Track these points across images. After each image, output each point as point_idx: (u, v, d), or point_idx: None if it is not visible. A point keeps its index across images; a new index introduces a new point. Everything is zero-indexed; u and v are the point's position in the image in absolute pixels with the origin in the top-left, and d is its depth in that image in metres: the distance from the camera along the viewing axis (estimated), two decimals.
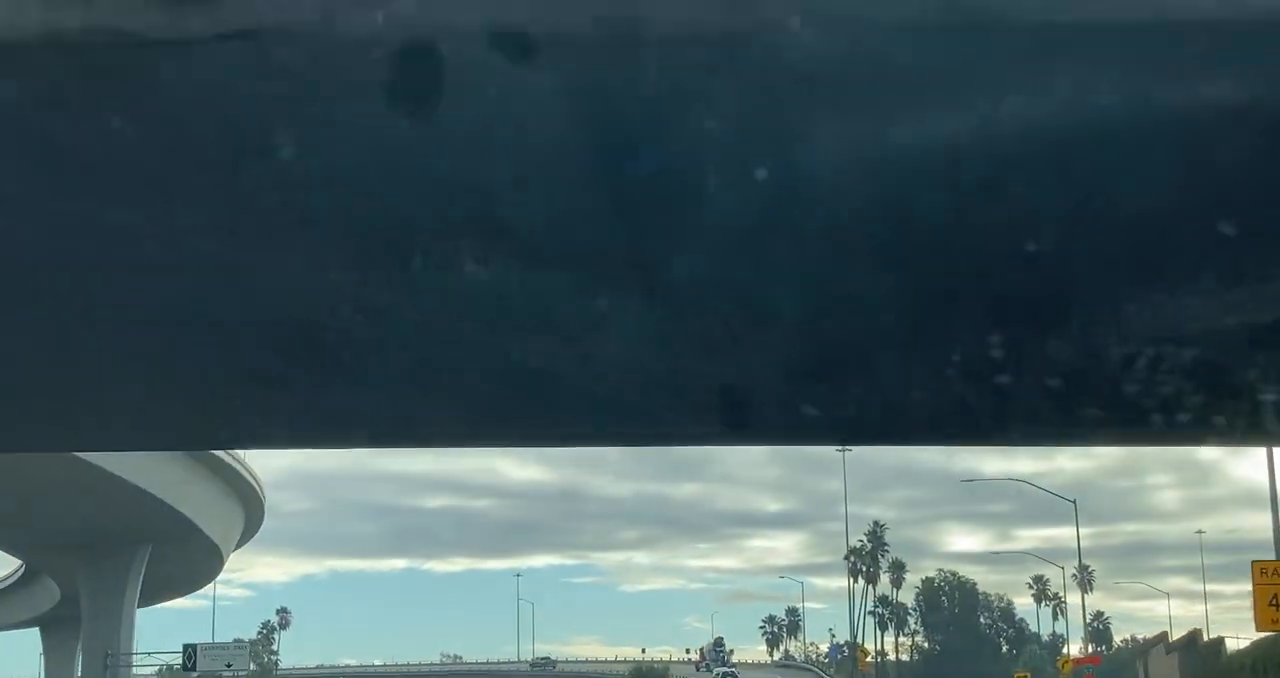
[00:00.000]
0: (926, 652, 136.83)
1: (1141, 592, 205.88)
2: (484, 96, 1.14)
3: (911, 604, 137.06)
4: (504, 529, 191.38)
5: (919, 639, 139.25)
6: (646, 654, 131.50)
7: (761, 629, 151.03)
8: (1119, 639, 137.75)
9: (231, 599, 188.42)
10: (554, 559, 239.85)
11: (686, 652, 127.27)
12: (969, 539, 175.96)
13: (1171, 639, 64.97)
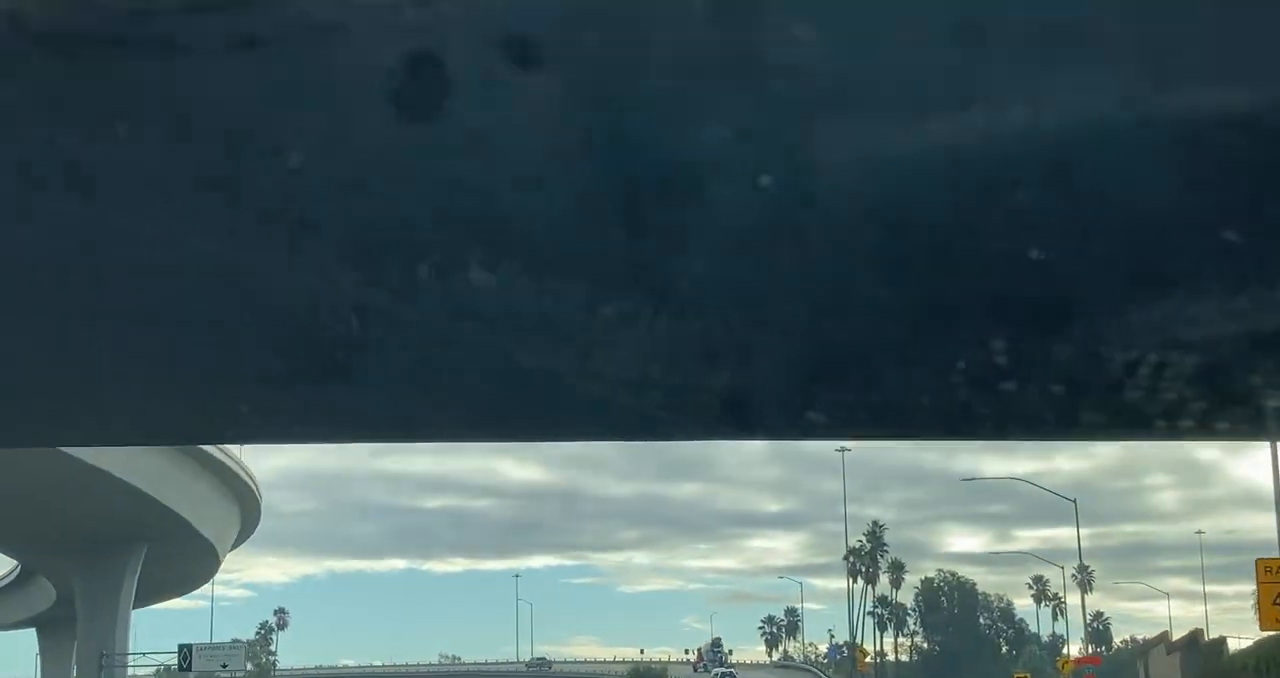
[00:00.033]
0: (926, 653, 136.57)
1: (1140, 593, 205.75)
2: (490, 103, 1.14)
3: (911, 605, 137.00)
4: (503, 530, 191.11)
5: (918, 640, 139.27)
6: (645, 655, 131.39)
7: (760, 630, 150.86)
8: (1118, 640, 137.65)
9: (231, 600, 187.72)
10: (553, 560, 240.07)
11: (685, 653, 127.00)
12: (968, 540, 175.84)
13: (1172, 639, 64.71)
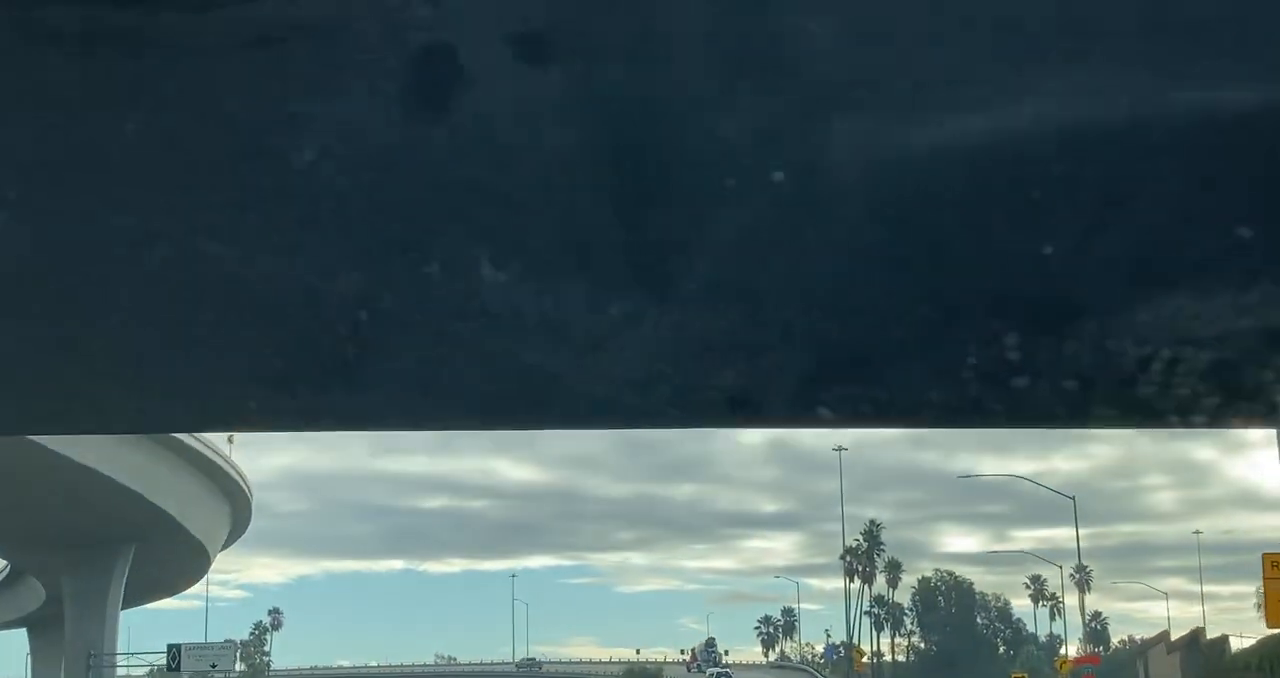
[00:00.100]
0: (923, 653, 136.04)
1: (1137, 593, 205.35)
2: (498, 100, 1.14)
3: (908, 605, 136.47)
4: (501, 530, 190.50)
5: (915, 640, 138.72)
6: (641, 656, 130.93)
7: (757, 630, 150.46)
8: (1116, 640, 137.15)
9: (227, 601, 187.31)
10: (550, 560, 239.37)
11: (681, 653, 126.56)
12: (966, 540, 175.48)
13: (1172, 639, 64.16)
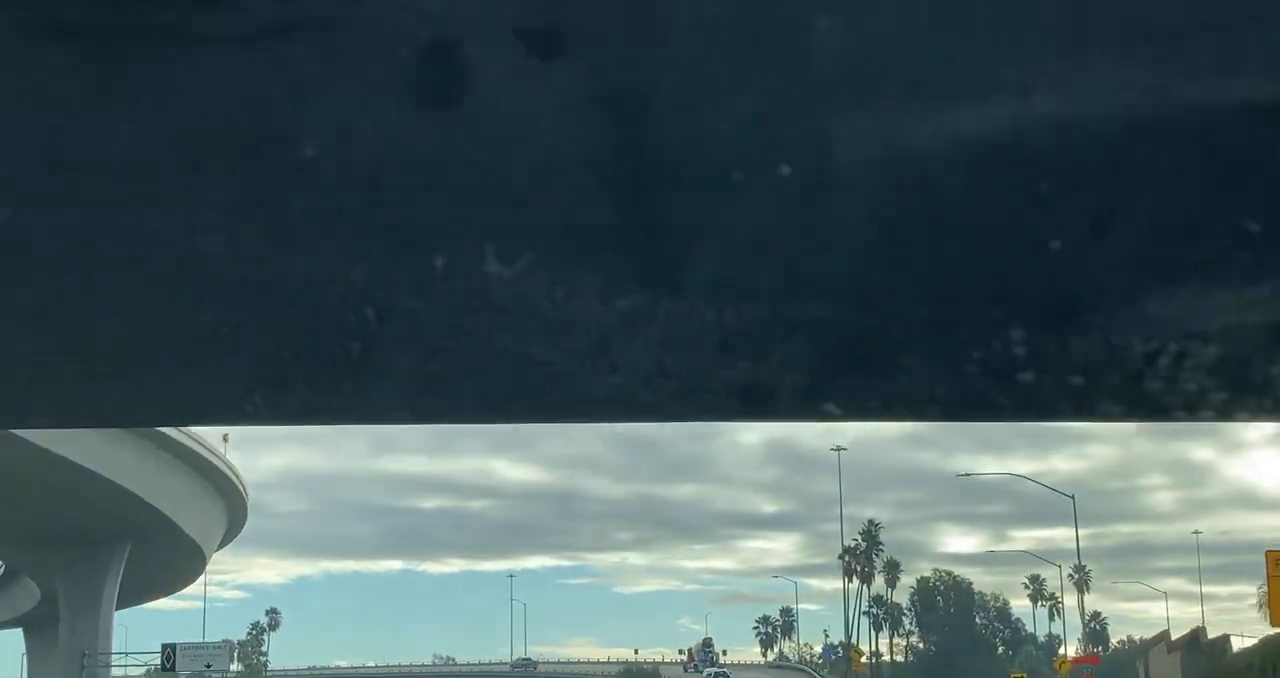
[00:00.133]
0: (921, 653, 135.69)
1: (1136, 594, 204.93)
2: (505, 95, 1.14)
3: (906, 604, 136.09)
4: (500, 530, 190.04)
5: (914, 640, 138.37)
6: (640, 656, 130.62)
7: (755, 630, 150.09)
8: (1115, 640, 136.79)
9: (226, 601, 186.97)
10: (549, 561, 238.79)
11: (679, 653, 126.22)
12: (964, 540, 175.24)
13: (1172, 639, 63.84)
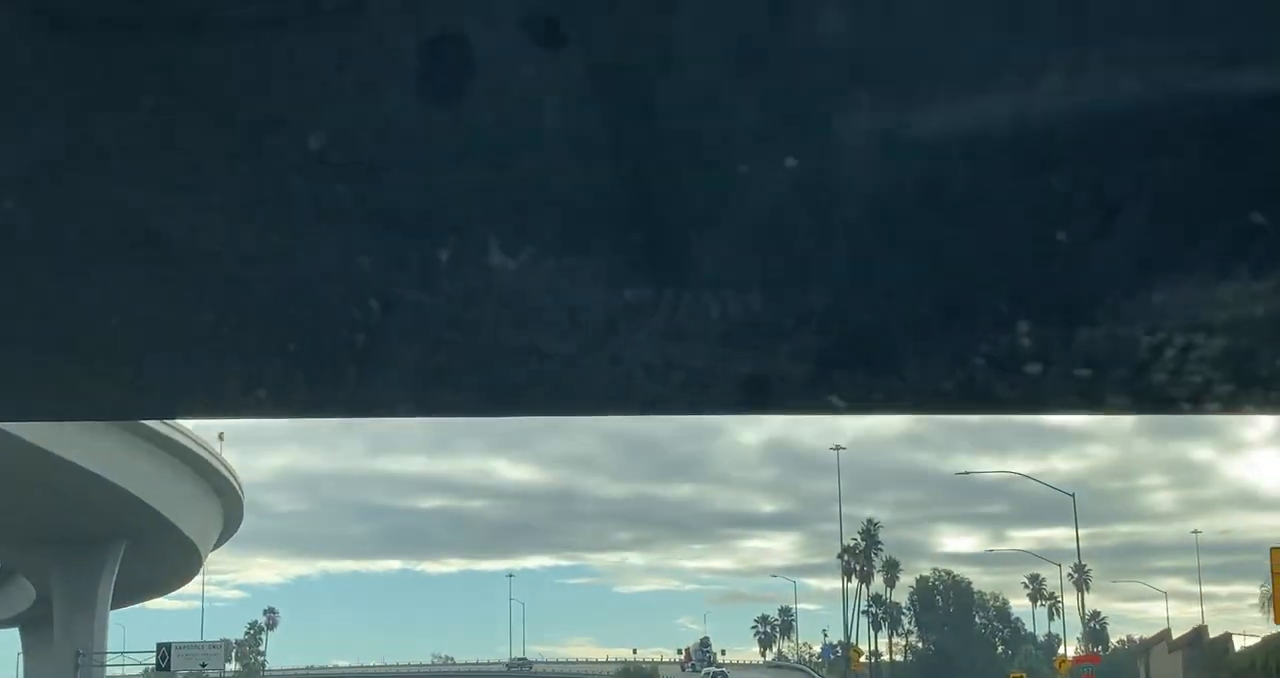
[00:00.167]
0: (921, 652, 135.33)
1: (1134, 594, 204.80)
2: (511, 86, 1.13)
3: (905, 604, 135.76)
4: (499, 530, 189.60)
5: (913, 639, 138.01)
6: (638, 655, 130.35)
7: (753, 629, 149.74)
8: (1114, 640, 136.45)
9: (225, 601, 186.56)
10: (548, 560, 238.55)
11: (678, 653, 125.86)
12: (963, 540, 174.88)
13: (1173, 638, 63.51)
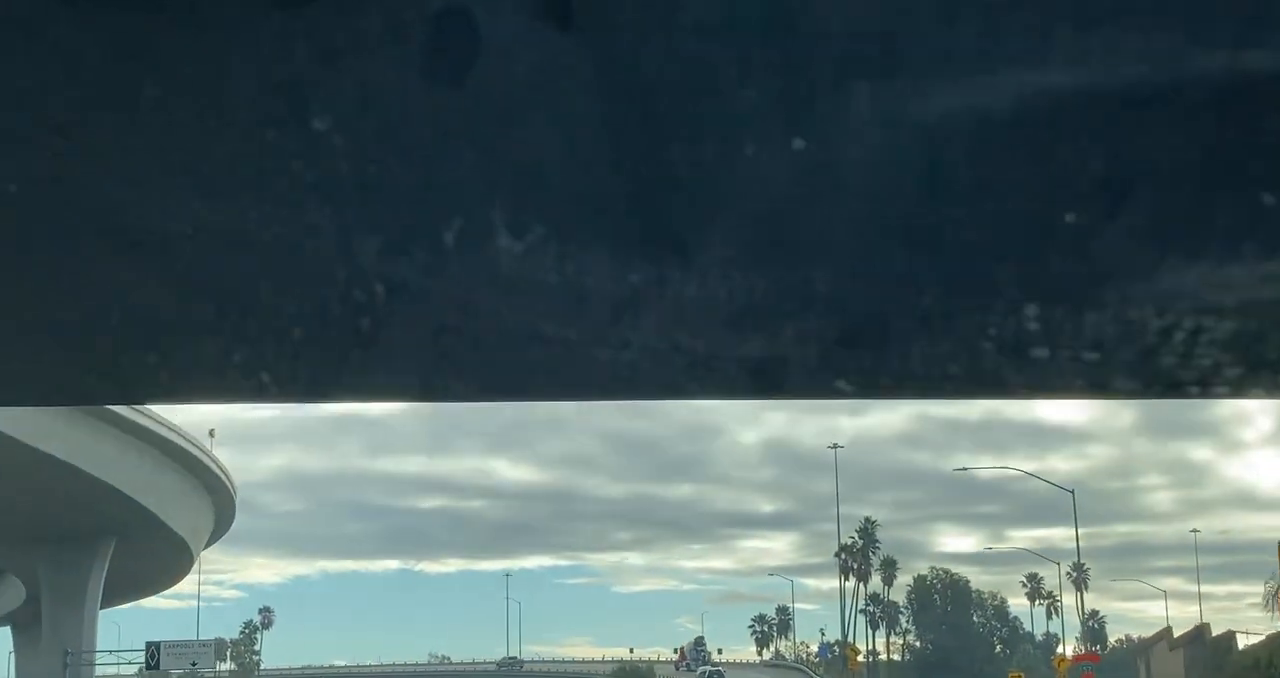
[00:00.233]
0: (918, 651, 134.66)
1: (1133, 593, 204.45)
2: (517, 67, 1.13)
3: (903, 603, 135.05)
4: (497, 530, 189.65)
5: (911, 639, 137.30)
6: (635, 655, 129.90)
7: (751, 629, 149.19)
8: (1113, 639, 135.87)
9: (223, 601, 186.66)
10: (547, 560, 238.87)
11: (674, 652, 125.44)
12: (962, 540, 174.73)
13: (1174, 636, 62.90)
